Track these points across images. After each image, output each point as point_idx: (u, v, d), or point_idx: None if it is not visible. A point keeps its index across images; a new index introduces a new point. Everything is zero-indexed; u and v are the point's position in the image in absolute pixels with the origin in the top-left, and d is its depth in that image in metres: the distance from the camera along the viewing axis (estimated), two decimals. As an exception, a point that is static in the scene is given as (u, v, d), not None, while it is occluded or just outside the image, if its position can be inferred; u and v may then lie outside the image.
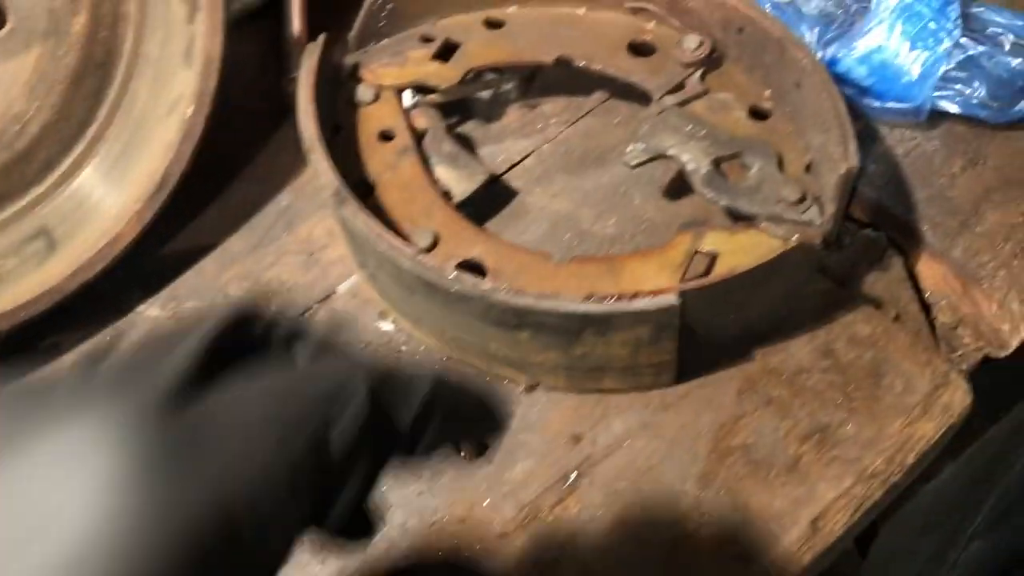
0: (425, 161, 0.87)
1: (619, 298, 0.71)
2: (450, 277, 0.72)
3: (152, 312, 0.88)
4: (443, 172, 0.87)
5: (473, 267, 0.78)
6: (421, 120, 0.90)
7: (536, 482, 0.75)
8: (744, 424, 0.76)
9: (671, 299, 0.69)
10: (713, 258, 0.76)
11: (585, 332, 0.72)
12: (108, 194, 0.86)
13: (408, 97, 0.91)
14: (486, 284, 0.72)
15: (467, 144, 0.95)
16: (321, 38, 0.88)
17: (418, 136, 0.89)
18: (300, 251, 0.91)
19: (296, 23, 0.99)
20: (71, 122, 0.89)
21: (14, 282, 0.83)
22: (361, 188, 0.85)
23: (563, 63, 0.92)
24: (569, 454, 0.76)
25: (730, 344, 0.79)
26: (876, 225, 0.87)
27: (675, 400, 0.78)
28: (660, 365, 0.76)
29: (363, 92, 0.91)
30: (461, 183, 0.86)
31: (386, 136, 0.88)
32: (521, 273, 0.77)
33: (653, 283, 0.74)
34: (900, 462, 0.74)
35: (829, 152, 0.76)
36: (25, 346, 0.85)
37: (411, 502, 0.74)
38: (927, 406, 0.76)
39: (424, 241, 0.79)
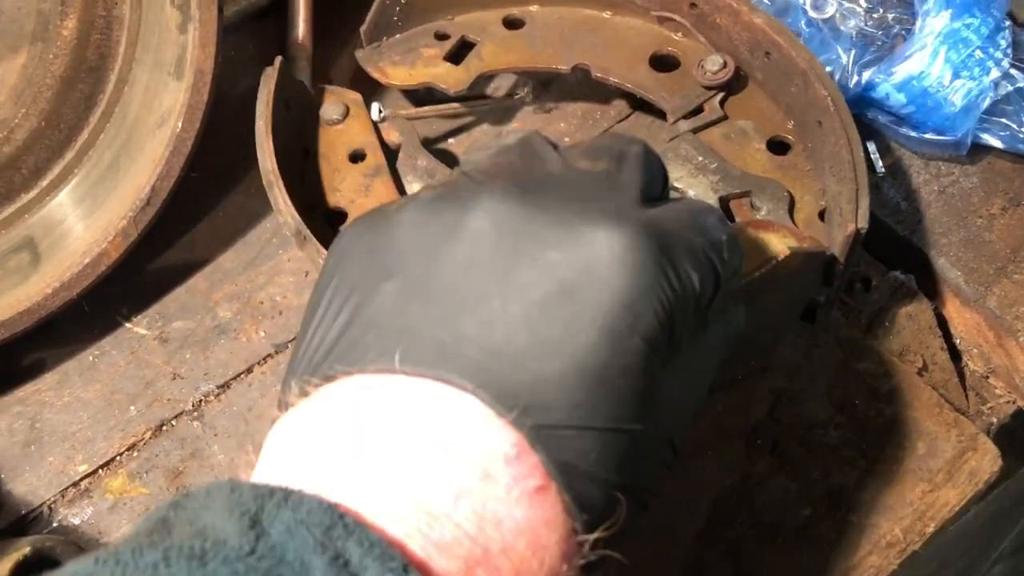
0: (399, 180, 0.82)
1: None
2: None
3: (140, 330, 0.84)
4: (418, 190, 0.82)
5: None
6: (393, 135, 0.85)
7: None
8: (752, 482, 0.72)
9: None
10: None
11: None
12: (96, 206, 0.83)
13: (376, 111, 0.86)
14: None
15: (446, 157, 0.90)
16: (277, 61, 0.82)
17: (391, 152, 0.84)
18: (295, 271, 0.87)
19: (301, 27, 0.94)
20: (60, 129, 0.85)
21: (-7, 298, 0.80)
22: (333, 216, 0.80)
23: (580, 72, 0.87)
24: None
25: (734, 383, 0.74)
26: (905, 267, 0.81)
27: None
28: None
29: (329, 111, 0.85)
30: None
31: (357, 156, 0.83)
32: None
33: None
34: (920, 531, 0.69)
35: (841, 205, 0.70)
36: (6, 362, 0.82)
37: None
38: (951, 471, 0.71)
39: None
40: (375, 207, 0.51)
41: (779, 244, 0.65)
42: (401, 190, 0.80)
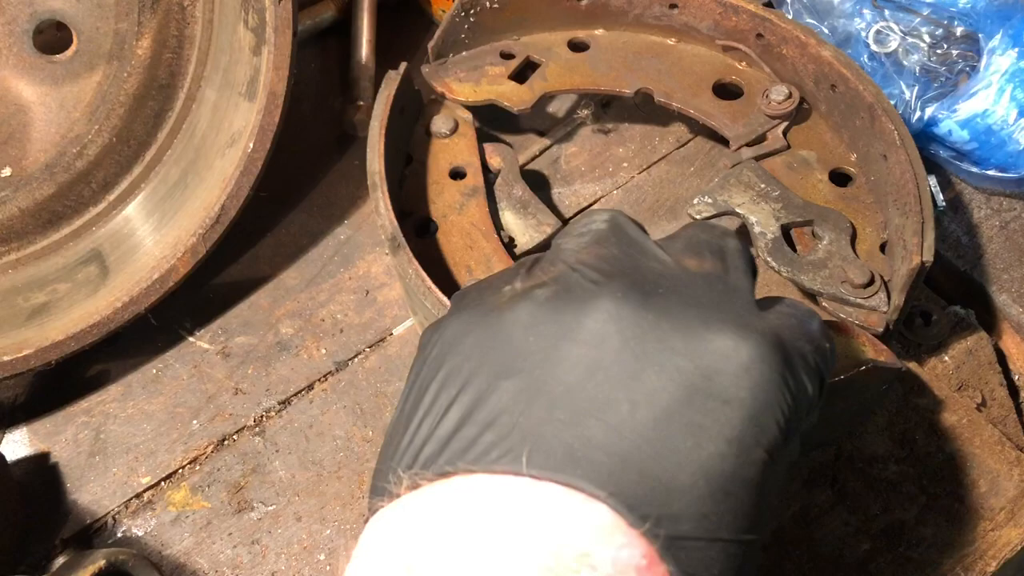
0: (494, 203, 0.83)
1: None
2: None
3: (203, 344, 0.86)
4: (510, 219, 0.83)
5: None
6: (496, 159, 0.86)
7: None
8: (812, 516, 0.72)
9: None
10: None
11: None
12: (163, 222, 0.84)
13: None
14: None
15: (542, 183, 0.92)
16: (402, 67, 0.84)
17: (491, 175, 0.86)
18: (356, 289, 0.88)
19: (364, 49, 0.95)
20: (130, 144, 0.87)
21: (66, 310, 0.81)
22: (424, 226, 0.81)
23: (642, 96, 0.87)
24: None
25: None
26: (965, 302, 0.81)
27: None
28: None
29: (440, 123, 0.87)
30: (527, 232, 0.82)
31: (457, 173, 0.85)
32: None
33: None
34: (980, 570, 0.69)
35: (905, 238, 0.70)
36: (72, 372, 0.84)
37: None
38: (1014, 510, 0.71)
39: None
40: (474, 296, 0.50)
41: (859, 352, 0.67)
42: (494, 214, 0.81)
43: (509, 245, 0.81)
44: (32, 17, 0.81)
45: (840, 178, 0.81)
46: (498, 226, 0.81)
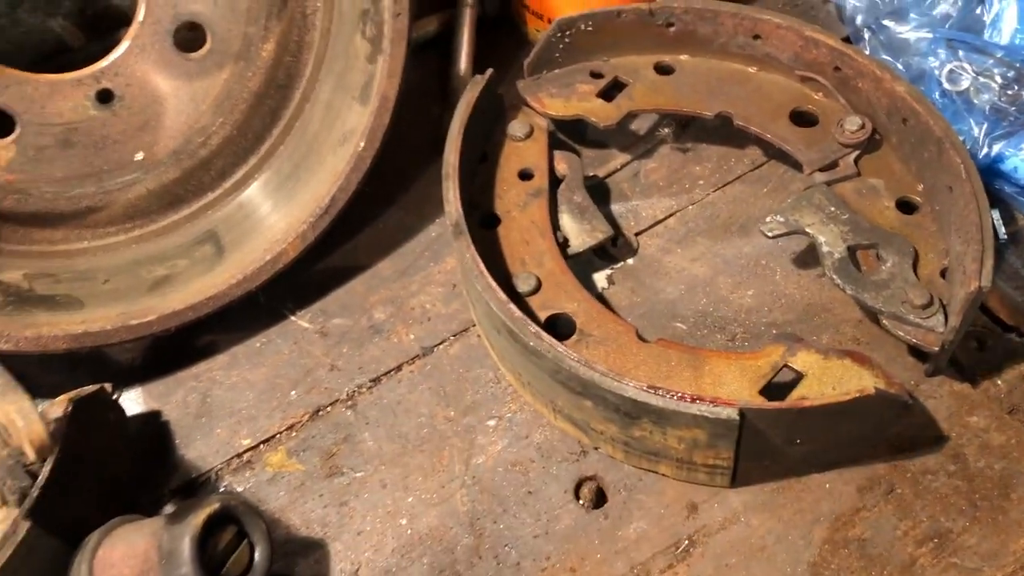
0: (554, 206, 0.90)
1: (681, 396, 0.70)
2: (531, 331, 0.75)
3: (303, 323, 0.94)
4: (567, 221, 0.90)
5: (564, 321, 0.81)
6: (563, 165, 0.93)
7: (648, 544, 0.77)
8: (862, 517, 0.76)
9: (730, 412, 0.69)
10: (798, 378, 0.75)
11: (643, 419, 0.73)
12: (275, 210, 0.92)
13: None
14: (560, 347, 0.74)
15: (604, 194, 0.98)
16: (488, 73, 0.92)
17: (556, 180, 0.93)
18: (444, 282, 0.95)
19: (463, 62, 1.03)
20: (248, 137, 0.96)
21: (183, 283, 0.90)
22: (489, 220, 0.89)
23: (721, 119, 0.94)
24: (684, 521, 0.77)
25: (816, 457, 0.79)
26: (1021, 331, 0.85)
27: (795, 483, 0.79)
28: (715, 468, 0.77)
29: (516, 127, 0.94)
30: (581, 236, 0.89)
31: (525, 175, 0.92)
32: (606, 340, 0.79)
33: (730, 387, 0.74)
34: (1021, 580, 0.73)
35: (965, 264, 0.75)
36: (184, 341, 0.92)
37: (527, 544, 0.77)
38: (1056, 527, 0.75)
39: (526, 286, 0.83)
40: None
41: (868, 380, 0.72)
42: (554, 215, 0.88)
43: (563, 245, 0.88)
44: (174, 18, 0.90)
45: (906, 206, 0.86)
46: (555, 227, 0.88)
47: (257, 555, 0.70)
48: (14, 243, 0.90)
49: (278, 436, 0.87)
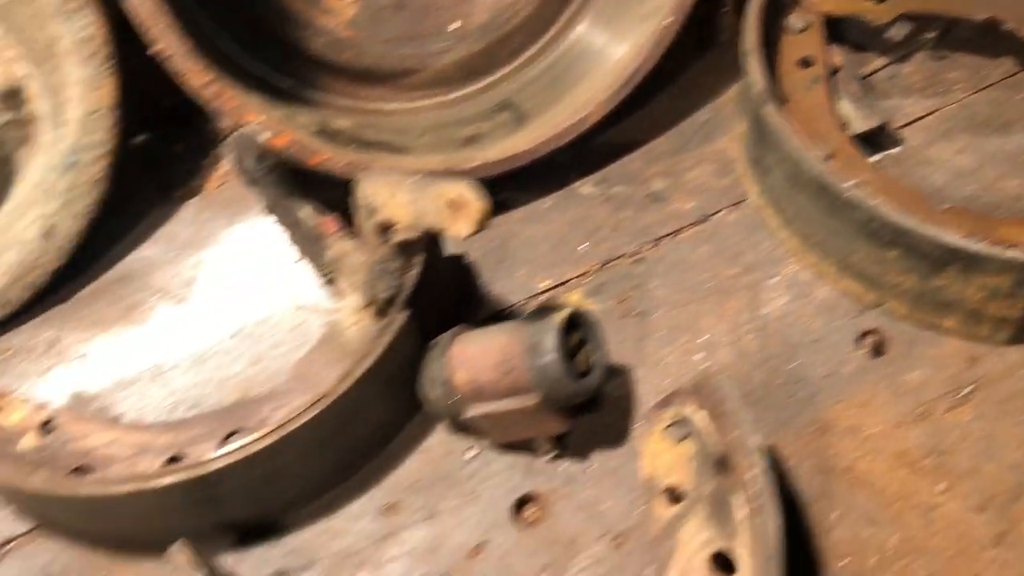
0: (832, 93, 0.98)
1: (997, 241, 0.78)
2: (846, 184, 0.83)
3: (587, 189, 1.03)
4: (846, 107, 0.98)
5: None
6: (837, 58, 1.01)
7: (932, 388, 0.84)
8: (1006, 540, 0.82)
9: None
10: None
11: (950, 266, 0.80)
12: (577, 81, 1.02)
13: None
14: (878, 197, 0.82)
15: (872, 89, 1.06)
16: None
17: (831, 71, 1.00)
18: (715, 160, 1.04)
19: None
20: (545, 17, 1.05)
21: (492, 142, 1.00)
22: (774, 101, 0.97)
23: (991, 24, 1.00)
24: (965, 371, 0.85)
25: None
26: None
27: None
28: (1003, 321, 0.83)
29: (795, 21, 1.02)
30: (860, 120, 0.97)
31: (806, 63, 1.00)
32: (900, 205, 0.84)
33: None
34: None
35: None
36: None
37: (817, 382, 0.86)
38: None
39: (820, 155, 0.90)
40: None
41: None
42: (831, 101, 0.96)
43: (842, 127, 0.95)
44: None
45: None
46: (835, 111, 0.96)
47: (597, 358, 0.80)
48: (344, 96, 1.01)
49: (573, 280, 0.96)
